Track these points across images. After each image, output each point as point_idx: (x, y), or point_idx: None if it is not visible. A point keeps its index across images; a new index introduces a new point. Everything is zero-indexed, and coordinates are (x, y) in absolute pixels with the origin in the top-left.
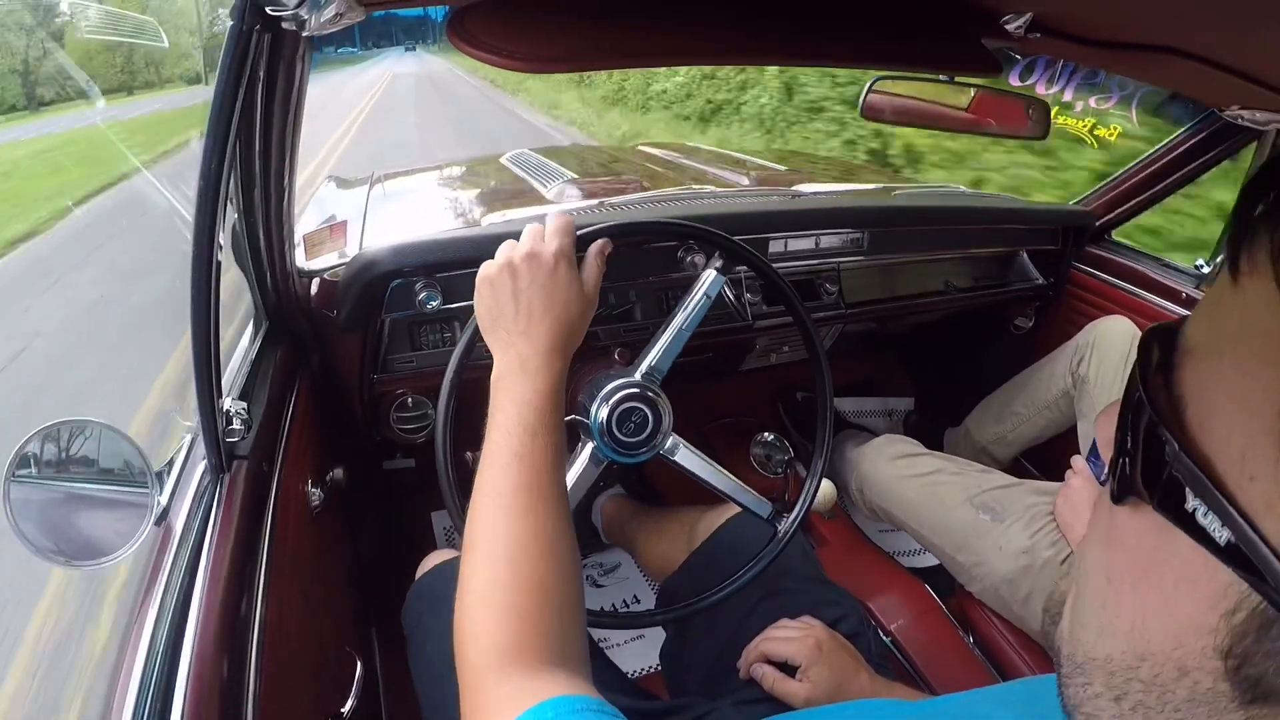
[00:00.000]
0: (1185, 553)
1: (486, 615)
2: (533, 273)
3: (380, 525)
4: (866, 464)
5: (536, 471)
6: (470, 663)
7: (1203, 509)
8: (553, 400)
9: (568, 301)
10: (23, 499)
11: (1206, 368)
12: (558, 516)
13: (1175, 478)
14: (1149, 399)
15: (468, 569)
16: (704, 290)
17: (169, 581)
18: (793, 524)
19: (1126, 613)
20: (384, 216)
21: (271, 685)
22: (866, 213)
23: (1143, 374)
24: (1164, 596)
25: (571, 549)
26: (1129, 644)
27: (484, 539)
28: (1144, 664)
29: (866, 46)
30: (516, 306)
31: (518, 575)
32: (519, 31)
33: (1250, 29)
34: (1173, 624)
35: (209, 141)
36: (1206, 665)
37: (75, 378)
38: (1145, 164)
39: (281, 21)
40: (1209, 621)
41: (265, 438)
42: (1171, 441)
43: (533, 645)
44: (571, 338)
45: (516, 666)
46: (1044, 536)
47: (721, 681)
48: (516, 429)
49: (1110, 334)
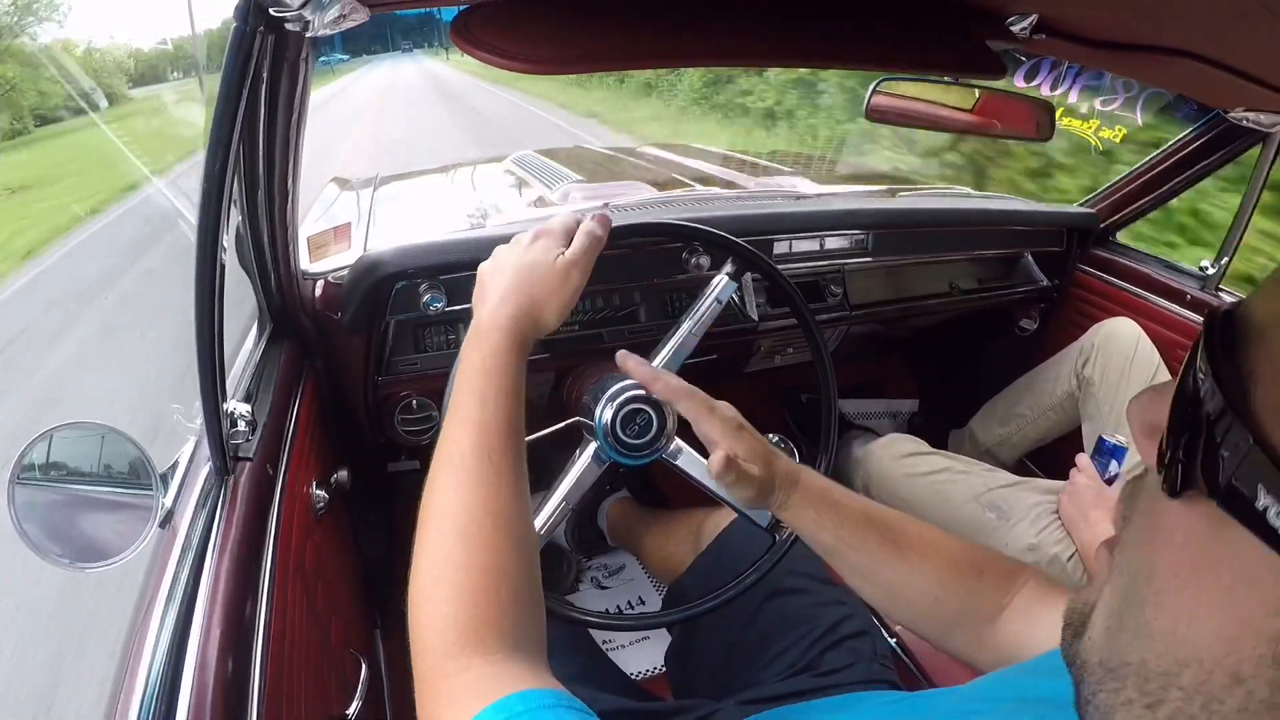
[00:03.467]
0: (1246, 553)
1: (438, 594)
2: (513, 249)
3: (384, 527)
4: (872, 463)
5: (487, 438)
6: (425, 646)
7: (1276, 508)
8: (502, 364)
9: (536, 272)
10: (28, 502)
11: (1277, 350)
12: (512, 487)
13: (1244, 471)
14: (1217, 380)
15: (419, 544)
16: (715, 295)
17: (173, 583)
18: (791, 535)
19: (1169, 615)
20: (388, 218)
21: (276, 687)
22: (871, 214)
23: (1209, 357)
24: (1216, 599)
25: (526, 523)
26: (1168, 647)
27: (434, 511)
28: (1186, 670)
29: (871, 48)
30: (493, 281)
31: (470, 550)
32: (524, 33)
33: (1256, 30)
34: (1226, 629)
35: (212, 143)
36: (1264, 674)
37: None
38: (1150, 166)
39: (285, 22)
40: (1270, 628)
41: (270, 440)
42: (1244, 431)
43: (491, 629)
44: (532, 307)
45: (476, 652)
46: (1050, 535)
47: (730, 679)
48: (465, 397)
49: (1116, 336)
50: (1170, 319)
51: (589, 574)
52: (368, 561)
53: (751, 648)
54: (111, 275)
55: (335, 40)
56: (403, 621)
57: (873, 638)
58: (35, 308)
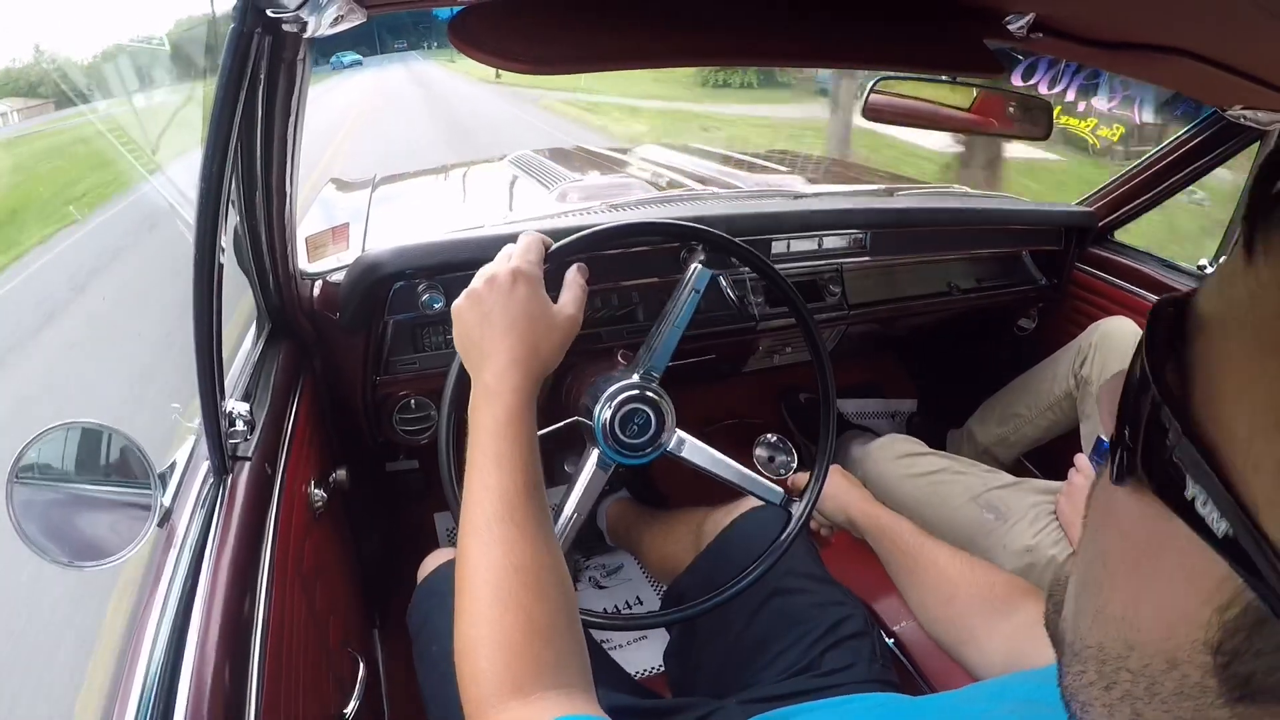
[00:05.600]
0: (1182, 542)
1: (477, 652)
2: (493, 294)
3: (383, 526)
4: (871, 463)
5: (507, 501)
6: (469, 698)
7: (1202, 497)
8: (516, 424)
9: (529, 320)
10: (26, 501)
11: (1216, 346)
12: (536, 543)
13: (1176, 462)
14: (1153, 375)
15: (458, 606)
16: (691, 284)
17: (171, 583)
18: (805, 510)
19: (1119, 599)
20: (386, 218)
21: (274, 686)
22: (869, 214)
23: (1149, 346)
24: (1158, 585)
25: (556, 572)
26: (1119, 631)
27: (467, 576)
28: (1133, 653)
29: (869, 47)
30: (480, 331)
31: (504, 610)
32: (521, 33)
33: (1254, 29)
34: (1165, 614)
35: (210, 144)
36: (1196, 659)
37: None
38: (1148, 164)
39: (282, 24)
40: (1201, 615)
41: (268, 439)
42: (1174, 423)
43: (527, 675)
44: (533, 357)
45: (514, 697)
46: (1048, 535)
47: (730, 680)
48: (484, 460)
49: (1113, 334)
50: None
51: (587, 573)
52: (366, 561)
53: (751, 648)
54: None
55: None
56: (401, 621)
57: (872, 638)
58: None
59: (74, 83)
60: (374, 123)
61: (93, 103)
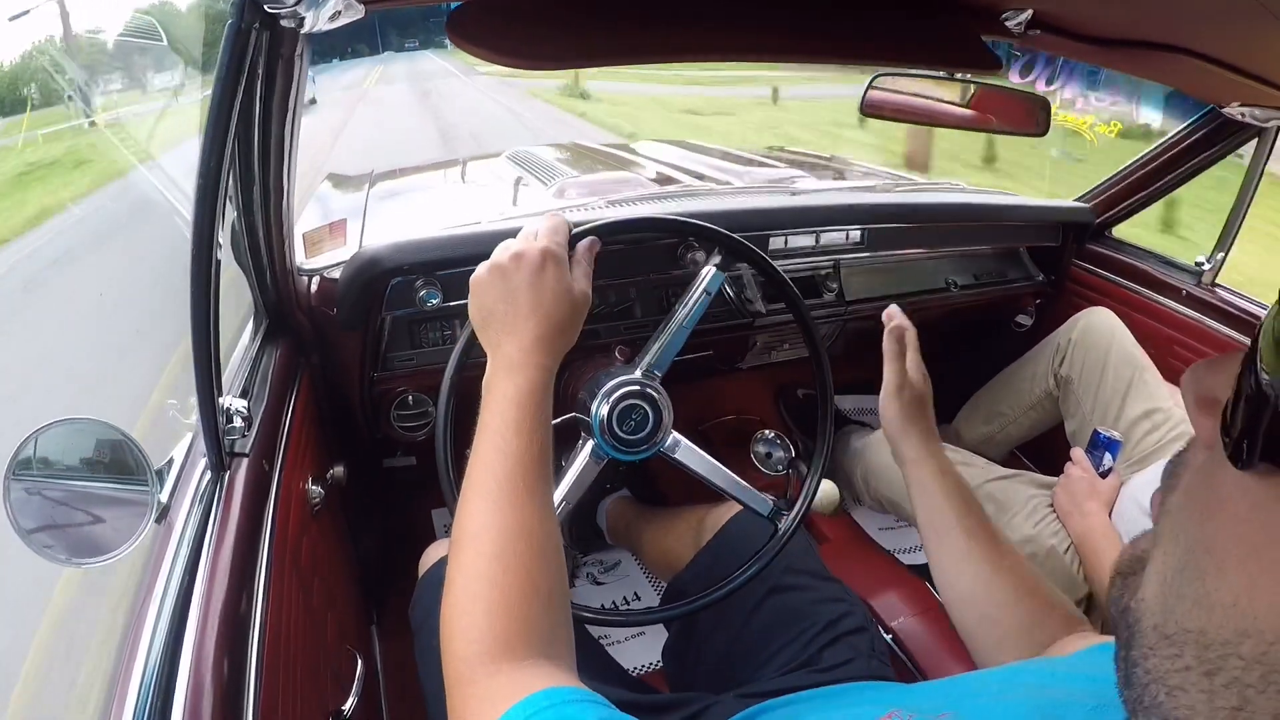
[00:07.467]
0: None
1: (473, 609)
2: (521, 272)
3: (381, 523)
4: (872, 455)
5: (522, 466)
6: (458, 655)
7: None
8: (537, 397)
9: (556, 299)
10: (23, 497)
11: None
12: (543, 510)
13: None
14: None
15: (454, 564)
16: (704, 287)
17: (169, 579)
18: (793, 522)
19: (1230, 586)
20: (384, 214)
21: (272, 683)
22: (866, 210)
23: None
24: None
25: (556, 542)
26: (1229, 618)
27: (470, 534)
28: (1246, 640)
29: (867, 44)
30: (504, 306)
31: (505, 570)
32: (520, 30)
33: (1252, 27)
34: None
35: (207, 139)
36: None
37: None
38: (1145, 161)
39: (280, 19)
40: None
41: (266, 435)
42: None
43: (521, 638)
44: (559, 336)
45: (505, 659)
46: (1046, 527)
47: (729, 675)
48: (501, 425)
49: (1092, 329)
50: (1166, 314)
51: (585, 570)
52: (364, 557)
53: (750, 644)
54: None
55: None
56: (399, 617)
57: (870, 634)
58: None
59: (71, 80)
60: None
61: (89, 100)
